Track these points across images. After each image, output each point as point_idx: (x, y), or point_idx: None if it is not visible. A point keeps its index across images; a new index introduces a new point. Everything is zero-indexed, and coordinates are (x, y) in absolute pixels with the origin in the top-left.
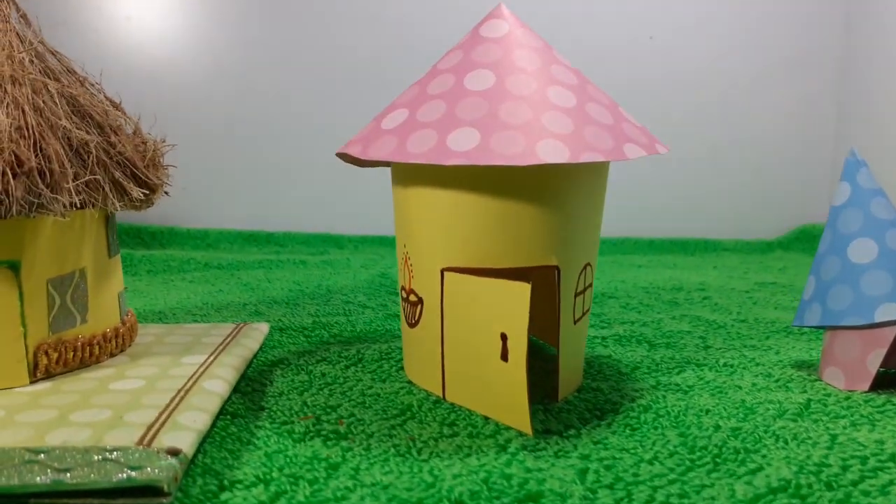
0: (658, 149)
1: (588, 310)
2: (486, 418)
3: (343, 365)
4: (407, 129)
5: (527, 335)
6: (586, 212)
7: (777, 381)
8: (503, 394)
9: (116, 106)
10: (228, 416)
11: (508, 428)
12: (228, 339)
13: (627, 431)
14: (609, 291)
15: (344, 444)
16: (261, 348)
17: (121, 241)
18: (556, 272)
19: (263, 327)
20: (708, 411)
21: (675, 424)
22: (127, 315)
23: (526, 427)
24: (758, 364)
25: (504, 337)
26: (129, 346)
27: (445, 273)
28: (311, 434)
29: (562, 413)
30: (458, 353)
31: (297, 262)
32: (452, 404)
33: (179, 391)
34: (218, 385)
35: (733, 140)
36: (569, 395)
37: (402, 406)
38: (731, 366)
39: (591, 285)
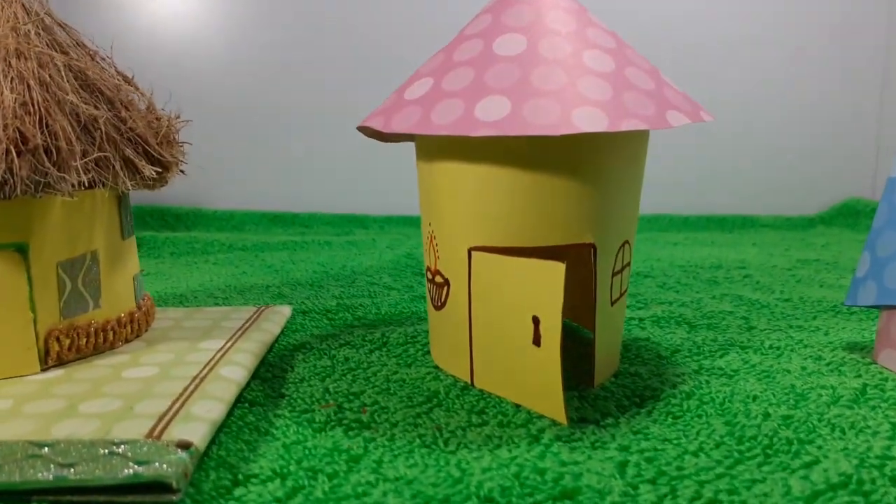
0: (703, 116)
1: (626, 290)
2: (518, 406)
3: (367, 349)
4: (432, 98)
5: (561, 318)
6: (625, 185)
7: (828, 364)
8: (535, 381)
9: (128, 80)
10: (247, 405)
11: (541, 416)
12: (249, 322)
13: (669, 420)
14: (645, 270)
15: (366, 434)
16: (282, 332)
17: (144, 222)
18: (592, 251)
19: (286, 310)
20: (755, 397)
21: (720, 412)
22: (143, 299)
23: (560, 416)
24: (806, 346)
25: (536, 320)
26: (146, 331)
27: (473, 253)
28: (333, 423)
29: (598, 400)
30: (487, 337)
31: (322, 244)
32: (481, 391)
33: (195, 379)
34: (235, 372)
35: (772, 112)
36: (605, 381)
37: (429, 392)
38: (778, 348)
39: (629, 264)
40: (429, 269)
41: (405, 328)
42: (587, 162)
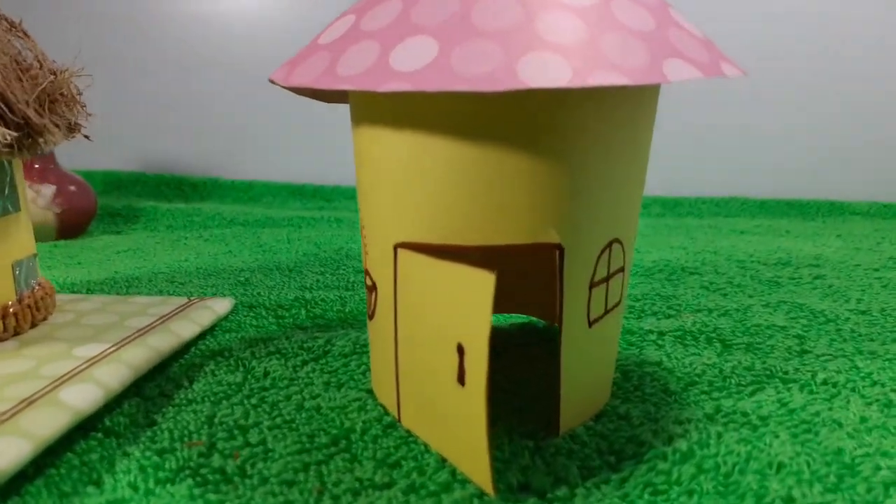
0: (725, 70)
1: (619, 304)
2: (444, 460)
3: (300, 360)
4: (345, 41)
5: (488, 351)
6: (612, 164)
7: None
8: (460, 431)
9: (14, 26)
10: (101, 434)
11: (468, 480)
12: (160, 320)
13: (646, 497)
14: (692, 266)
15: (218, 494)
16: (209, 331)
17: (158, 191)
18: (558, 253)
19: (222, 305)
20: (781, 466)
21: (722, 488)
22: (33, 289)
23: (486, 483)
24: (875, 383)
25: (462, 350)
26: (35, 325)
27: (399, 250)
28: (186, 472)
29: (558, 456)
30: (413, 364)
31: (332, 220)
32: (409, 432)
33: (23, 402)
34: (83, 394)
35: (867, 80)
36: (579, 426)
37: (341, 430)
38: (835, 384)
39: (622, 270)
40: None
41: (359, 333)
42: (550, 131)
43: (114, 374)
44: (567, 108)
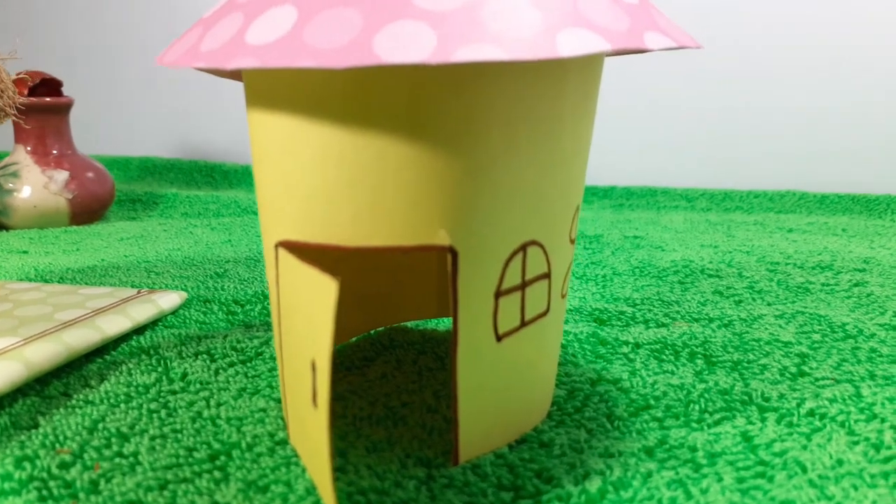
0: (649, 41)
1: (546, 314)
2: (312, 488)
3: (227, 361)
4: (219, 14)
5: (329, 368)
6: (517, 156)
7: (889, 459)
8: (314, 457)
9: None
10: None
11: None
12: (89, 315)
13: None
14: (714, 267)
15: None
16: (150, 326)
17: (191, 178)
18: (451, 257)
19: (168, 300)
20: None
21: None
22: None
23: None
24: (873, 417)
25: (313, 367)
26: None
27: (280, 250)
28: (35, 484)
29: (448, 489)
30: (290, 379)
31: None
32: (295, 451)
33: None
34: None
35: None
36: (488, 454)
37: (224, 445)
38: (822, 415)
39: (545, 276)
40: None
41: None
42: (439, 116)
43: (3, 373)
44: (458, 88)
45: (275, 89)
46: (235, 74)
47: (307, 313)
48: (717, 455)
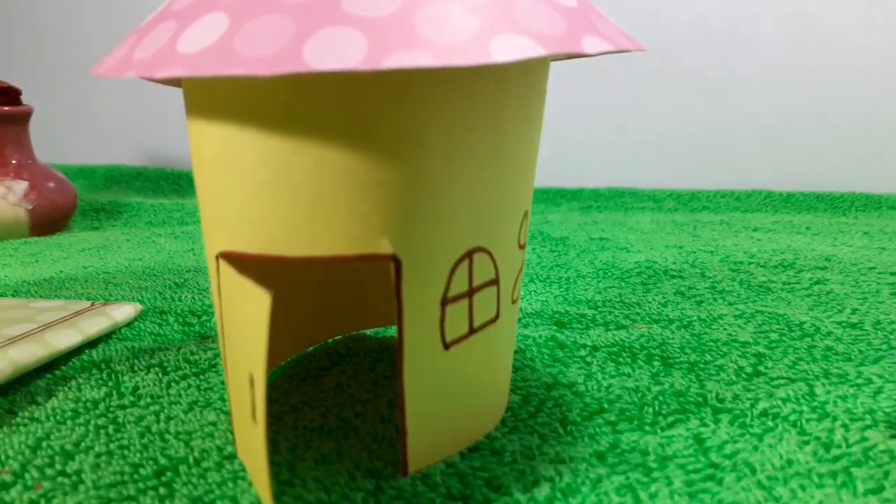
0: (585, 45)
1: (495, 320)
2: (260, 500)
3: (179, 374)
4: (154, 22)
5: (264, 382)
6: (459, 163)
7: (838, 458)
8: (256, 472)
9: None
10: None
11: None
12: (38, 329)
13: None
14: (677, 268)
15: None
16: (103, 339)
17: (158, 186)
18: (394, 266)
19: (123, 312)
20: None
21: None
22: None
23: None
24: (826, 416)
25: (251, 381)
26: None
27: (220, 261)
28: None
29: (397, 501)
30: (233, 392)
31: None
32: (242, 465)
33: None
34: None
35: None
36: (438, 462)
37: (171, 461)
38: (774, 415)
39: (494, 282)
40: None
41: None
42: (375, 122)
43: None
44: (396, 95)
45: (211, 97)
46: (176, 83)
47: (244, 326)
48: (668, 458)
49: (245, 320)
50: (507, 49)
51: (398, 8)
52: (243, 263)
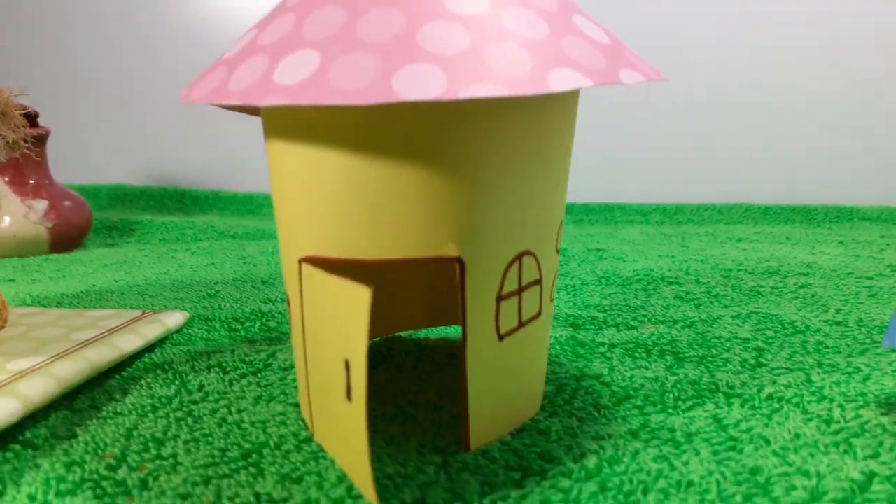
0: (623, 77)
1: (538, 316)
2: (344, 476)
3: (238, 373)
4: (242, 55)
5: (366, 366)
6: (512, 177)
7: (838, 432)
8: (349, 447)
9: None
10: (18, 447)
11: (361, 496)
12: (104, 334)
13: None
14: (673, 275)
15: None
16: (158, 345)
17: (163, 205)
18: (459, 267)
19: (173, 319)
20: (689, 485)
21: None
22: None
23: (371, 497)
24: (823, 398)
25: (348, 365)
26: None
27: (303, 265)
28: (88, 484)
29: (463, 472)
30: (318, 380)
31: None
32: (321, 448)
33: None
34: (3, 407)
35: (880, 80)
36: (493, 442)
37: (255, 444)
38: (780, 399)
39: (538, 282)
40: None
41: None
42: (444, 143)
43: (38, 388)
44: (461, 120)
45: (297, 123)
46: (251, 110)
47: (337, 319)
48: (693, 434)
49: (340, 311)
50: (561, 81)
51: (467, 47)
52: (322, 266)
